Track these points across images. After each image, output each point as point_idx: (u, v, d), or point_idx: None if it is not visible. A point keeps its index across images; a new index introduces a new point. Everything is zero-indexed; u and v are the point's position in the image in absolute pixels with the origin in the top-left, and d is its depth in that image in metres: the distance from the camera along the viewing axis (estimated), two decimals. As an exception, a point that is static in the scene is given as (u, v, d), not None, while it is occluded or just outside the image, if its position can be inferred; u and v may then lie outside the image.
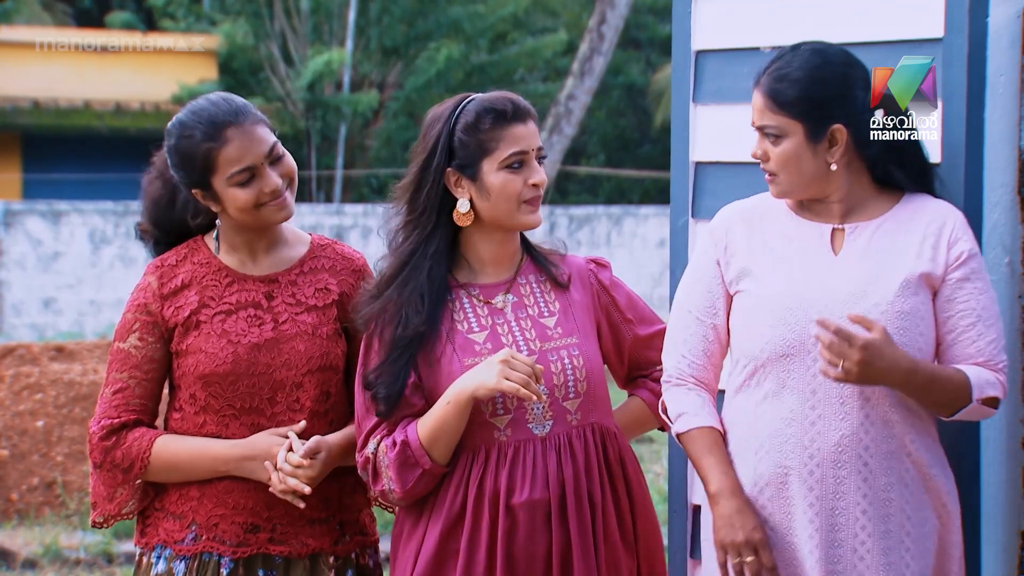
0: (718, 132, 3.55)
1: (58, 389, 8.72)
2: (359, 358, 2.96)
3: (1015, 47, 3.10)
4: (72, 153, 20.39)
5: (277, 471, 2.93)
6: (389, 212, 2.98)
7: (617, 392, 3.23)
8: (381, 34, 21.07)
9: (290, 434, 2.98)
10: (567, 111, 17.82)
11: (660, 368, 3.10)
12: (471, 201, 2.91)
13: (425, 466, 2.85)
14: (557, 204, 20.33)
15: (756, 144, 2.87)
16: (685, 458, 3.27)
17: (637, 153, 25.28)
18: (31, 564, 7.44)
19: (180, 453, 3.01)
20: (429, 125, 2.94)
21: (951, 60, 3.05)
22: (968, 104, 3.05)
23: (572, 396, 2.92)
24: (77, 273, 16.17)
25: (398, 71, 21.44)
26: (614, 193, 24.24)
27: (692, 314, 2.97)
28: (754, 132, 2.89)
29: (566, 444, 2.89)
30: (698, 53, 3.58)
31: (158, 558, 3.05)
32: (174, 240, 3.14)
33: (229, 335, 3.02)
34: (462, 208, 2.91)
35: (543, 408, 2.89)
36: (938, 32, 3.08)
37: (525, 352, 2.91)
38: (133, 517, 3.09)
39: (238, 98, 3.05)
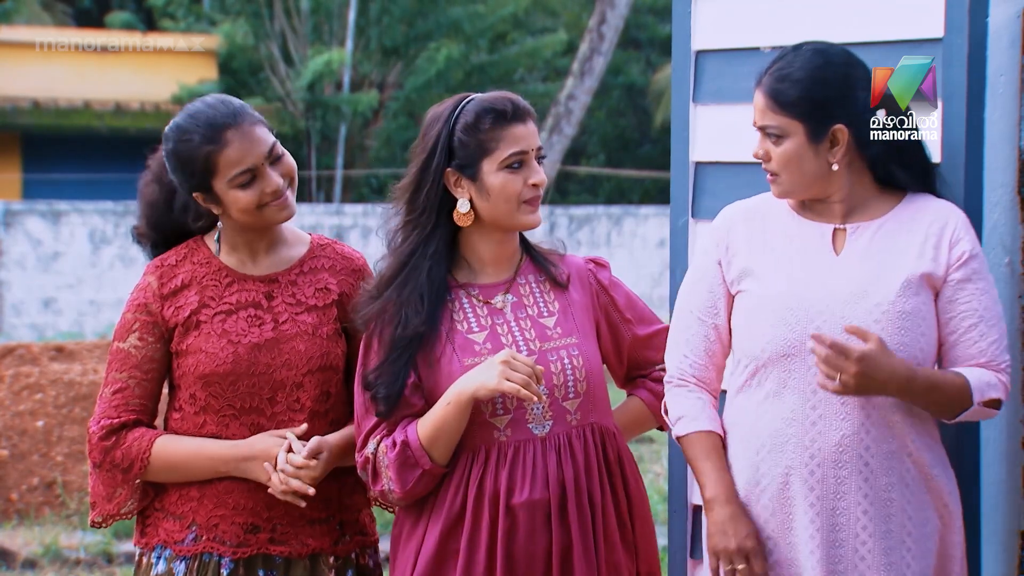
0: (718, 132, 3.55)
1: (58, 389, 8.72)
2: (358, 358, 2.96)
3: (1015, 47, 3.10)
4: (72, 153, 20.39)
5: (277, 472, 2.93)
6: (388, 212, 2.98)
7: (616, 392, 3.23)
8: (381, 34, 21.06)
9: (289, 435, 2.98)
10: (567, 111, 17.81)
11: (659, 368, 3.11)
12: (471, 201, 2.91)
13: (425, 466, 2.85)
14: (557, 204, 20.33)
15: (758, 144, 2.87)
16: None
17: (637, 153, 25.28)
18: (31, 564, 7.43)
19: (180, 453, 3.01)
20: (428, 125, 2.94)
21: (951, 60, 3.04)
22: (968, 104, 3.04)
23: (572, 396, 2.92)
24: (77, 273, 16.17)
25: (398, 71, 21.44)
26: (614, 193, 24.23)
27: (694, 314, 2.97)
28: (755, 132, 2.89)
29: (566, 444, 2.89)
30: (698, 53, 3.58)
31: (158, 558, 3.05)
32: (171, 242, 3.13)
33: (229, 335, 3.01)
34: (462, 208, 2.91)
35: (543, 408, 2.89)
36: (938, 32, 3.08)
37: (525, 352, 2.91)
38: (132, 517, 3.09)
39: (235, 99, 3.04)
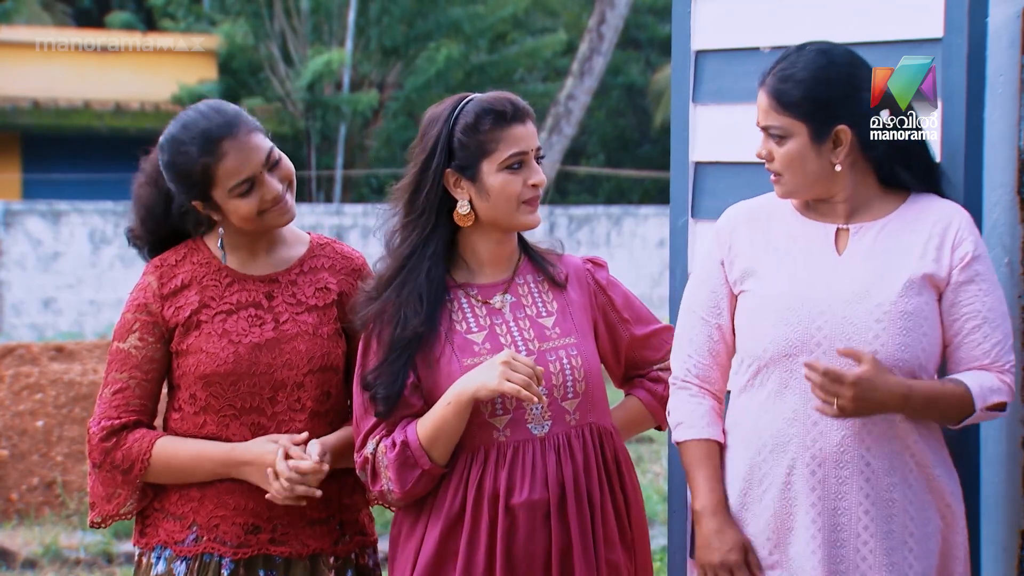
0: (718, 132, 3.55)
1: (58, 389, 8.72)
2: (357, 358, 2.95)
3: (1015, 47, 3.10)
4: (72, 153, 20.39)
5: (279, 480, 2.92)
6: (387, 213, 2.97)
7: (614, 392, 3.22)
8: (381, 34, 21.06)
9: (283, 440, 2.96)
10: (567, 111, 17.81)
11: (657, 367, 3.12)
12: (470, 202, 2.91)
13: (424, 466, 2.85)
14: (557, 204, 20.33)
15: (761, 144, 2.87)
16: (685, 459, 3.28)
17: (637, 153, 25.28)
18: (31, 564, 7.43)
19: (180, 455, 3.00)
20: (428, 125, 2.93)
21: (951, 60, 3.04)
22: (968, 104, 3.04)
23: (571, 396, 2.92)
24: (77, 273, 16.17)
25: (398, 71, 21.44)
26: (614, 193, 24.23)
27: (697, 314, 2.97)
28: (755, 132, 2.89)
29: (565, 444, 2.89)
30: (698, 53, 3.58)
31: (158, 558, 3.04)
32: (168, 244, 3.11)
33: (230, 335, 3.01)
34: (462, 209, 2.91)
35: (542, 408, 2.89)
36: (938, 32, 3.08)
37: (524, 352, 2.91)
38: (131, 518, 3.09)
39: (229, 106, 3.01)
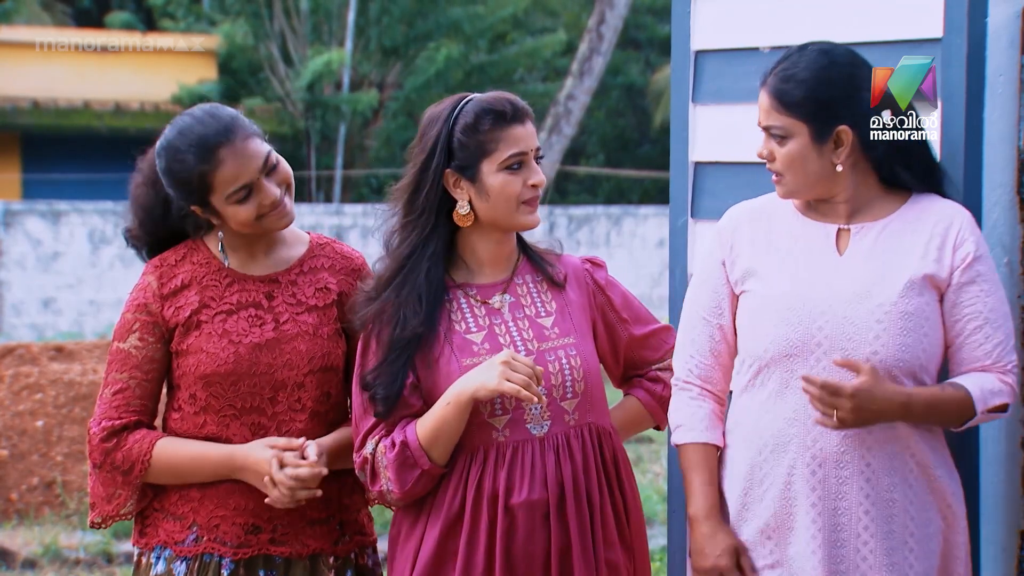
0: (717, 132, 3.55)
1: (58, 389, 8.72)
2: (356, 359, 2.95)
3: (1014, 47, 3.10)
4: (72, 153, 20.39)
5: (278, 487, 2.91)
6: (386, 213, 2.97)
7: (613, 391, 3.22)
8: (380, 34, 21.06)
9: (279, 444, 2.95)
10: (566, 111, 17.81)
11: (655, 367, 3.12)
12: (469, 202, 2.91)
13: (424, 467, 2.85)
14: (556, 204, 20.33)
15: (762, 144, 2.87)
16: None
17: (636, 153, 25.28)
18: (31, 564, 7.43)
19: (180, 457, 2.99)
20: (427, 126, 2.93)
21: (950, 60, 3.04)
22: (967, 104, 3.04)
23: (570, 396, 2.92)
24: (77, 273, 16.17)
25: (397, 71, 21.44)
26: (613, 193, 24.23)
27: (699, 314, 2.98)
28: (755, 132, 2.89)
29: (564, 444, 2.89)
30: (697, 53, 3.58)
31: (158, 558, 3.04)
32: (166, 244, 3.10)
33: (230, 335, 3.01)
34: (462, 210, 2.90)
35: (541, 408, 2.89)
36: (937, 32, 3.08)
37: (523, 352, 2.90)
38: (131, 518, 3.08)
39: (225, 111, 2.99)
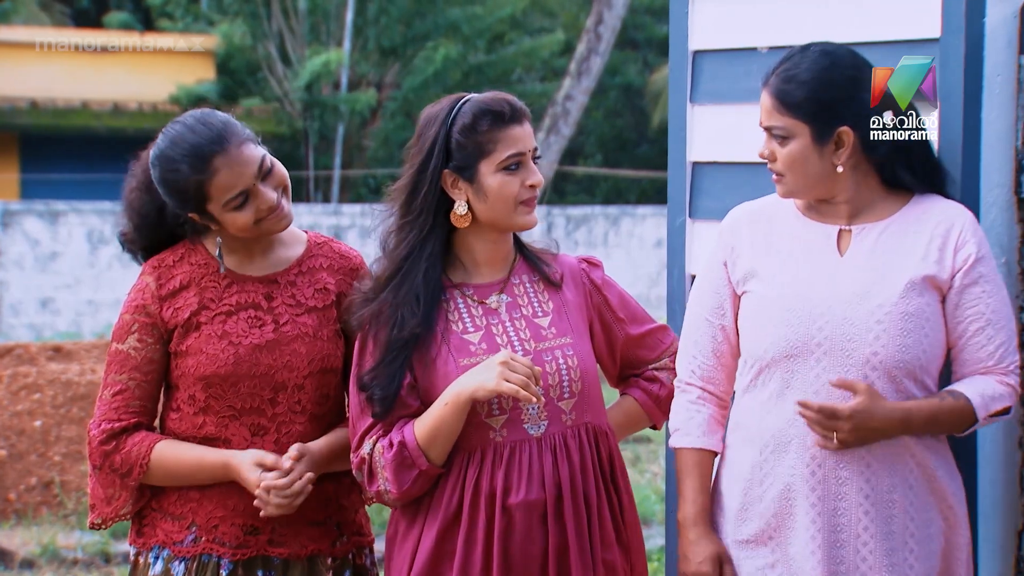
0: (715, 132, 3.55)
1: (56, 389, 8.72)
2: (353, 359, 2.95)
3: (1012, 47, 3.10)
4: (70, 153, 20.39)
5: (268, 504, 2.92)
6: (383, 214, 2.97)
7: (609, 391, 3.22)
8: (379, 34, 21.06)
9: (268, 460, 2.94)
10: (564, 111, 17.82)
11: (652, 367, 3.12)
12: (467, 202, 2.91)
13: (422, 467, 2.84)
14: (555, 204, 20.33)
15: (763, 144, 2.87)
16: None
17: (634, 153, 25.29)
18: (29, 564, 7.43)
19: (178, 461, 2.99)
20: (424, 126, 2.92)
21: (948, 60, 3.04)
22: (965, 104, 3.04)
23: (567, 396, 2.92)
24: (75, 273, 16.16)
25: (396, 71, 21.44)
26: (611, 193, 24.24)
27: (702, 315, 2.98)
28: (753, 132, 2.89)
29: (561, 444, 2.89)
30: (695, 53, 3.59)
31: (156, 558, 3.04)
32: (161, 247, 3.09)
33: (230, 336, 3.00)
34: (460, 210, 2.90)
35: (538, 408, 2.89)
36: (935, 32, 3.08)
37: (520, 352, 2.90)
38: (130, 518, 3.08)
39: (217, 117, 2.97)
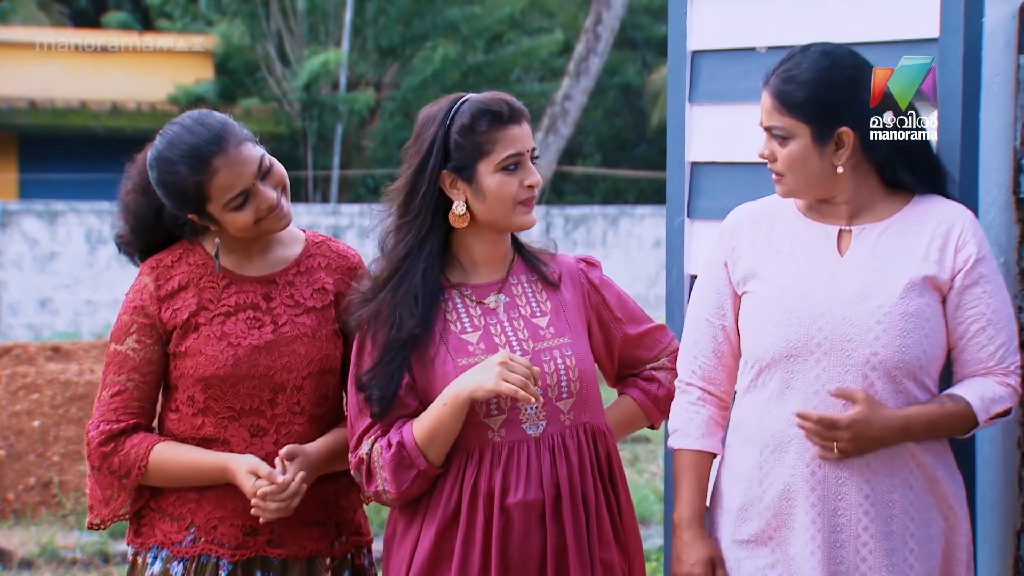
0: (714, 132, 3.55)
1: (54, 389, 8.71)
2: (352, 359, 2.95)
3: (1010, 47, 3.10)
4: (68, 153, 20.39)
5: (265, 510, 2.91)
6: (382, 214, 2.96)
7: (607, 391, 3.23)
8: (377, 34, 21.06)
9: (262, 470, 2.93)
10: (563, 111, 17.83)
11: (650, 367, 3.12)
12: (466, 203, 2.90)
13: (420, 467, 2.84)
14: (553, 204, 20.33)
15: (764, 144, 2.87)
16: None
17: (633, 153, 25.29)
18: (27, 564, 7.42)
19: (176, 464, 2.98)
20: (423, 126, 2.92)
21: (947, 60, 3.04)
22: (963, 104, 3.04)
23: (565, 396, 2.92)
24: (73, 273, 16.16)
25: (394, 71, 21.44)
26: (610, 193, 24.24)
27: (702, 316, 2.98)
28: (752, 132, 2.89)
29: (560, 444, 2.89)
30: (694, 53, 3.58)
31: (154, 559, 3.03)
32: (158, 248, 3.09)
33: (229, 337, 3.00)
34: (458, 210, 2.90)
35: (537, 409, 2.89)
36: (934, 32, 3.08)
37: (518, 352, 2.90)
38: (128, 519, 3.08)
39: (214, 118, 2.96)
